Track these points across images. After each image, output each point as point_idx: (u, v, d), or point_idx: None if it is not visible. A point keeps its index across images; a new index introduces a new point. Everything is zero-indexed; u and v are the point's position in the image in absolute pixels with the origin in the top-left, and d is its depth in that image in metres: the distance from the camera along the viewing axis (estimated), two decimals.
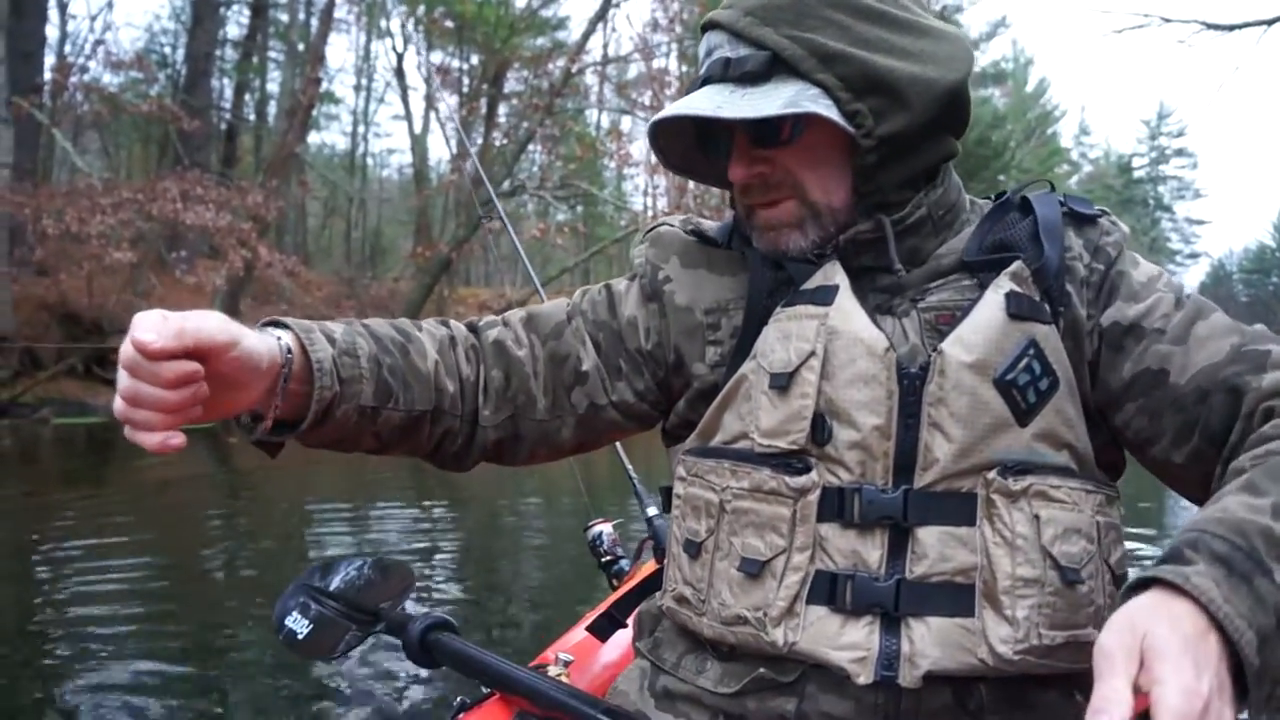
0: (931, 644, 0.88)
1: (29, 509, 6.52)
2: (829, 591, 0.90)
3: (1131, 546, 5.11)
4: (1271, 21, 11.85)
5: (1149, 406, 0.94)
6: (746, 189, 0.99)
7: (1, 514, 6.33)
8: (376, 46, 27.22)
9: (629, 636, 1.34)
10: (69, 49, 17.92)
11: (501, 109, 21.51)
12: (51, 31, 17.10)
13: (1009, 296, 0.92)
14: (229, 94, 22.11)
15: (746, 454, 0.95)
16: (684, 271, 1.07)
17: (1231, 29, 12.08)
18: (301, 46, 20.80)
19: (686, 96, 0.97)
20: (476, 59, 22.82)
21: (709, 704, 0.97)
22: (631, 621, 1.18)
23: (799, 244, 0.98)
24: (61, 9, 18.27)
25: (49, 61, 16.00)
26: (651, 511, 1.84)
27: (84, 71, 16.35)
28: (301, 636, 1.13)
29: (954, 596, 0.89)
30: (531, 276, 2.40)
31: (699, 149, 1.05)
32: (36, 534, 5.38)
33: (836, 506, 0.91)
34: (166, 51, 23.45)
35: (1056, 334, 0.94)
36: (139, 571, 4.65)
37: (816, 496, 0.91)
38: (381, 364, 0.97)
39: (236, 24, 22.55)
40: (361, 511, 6.50)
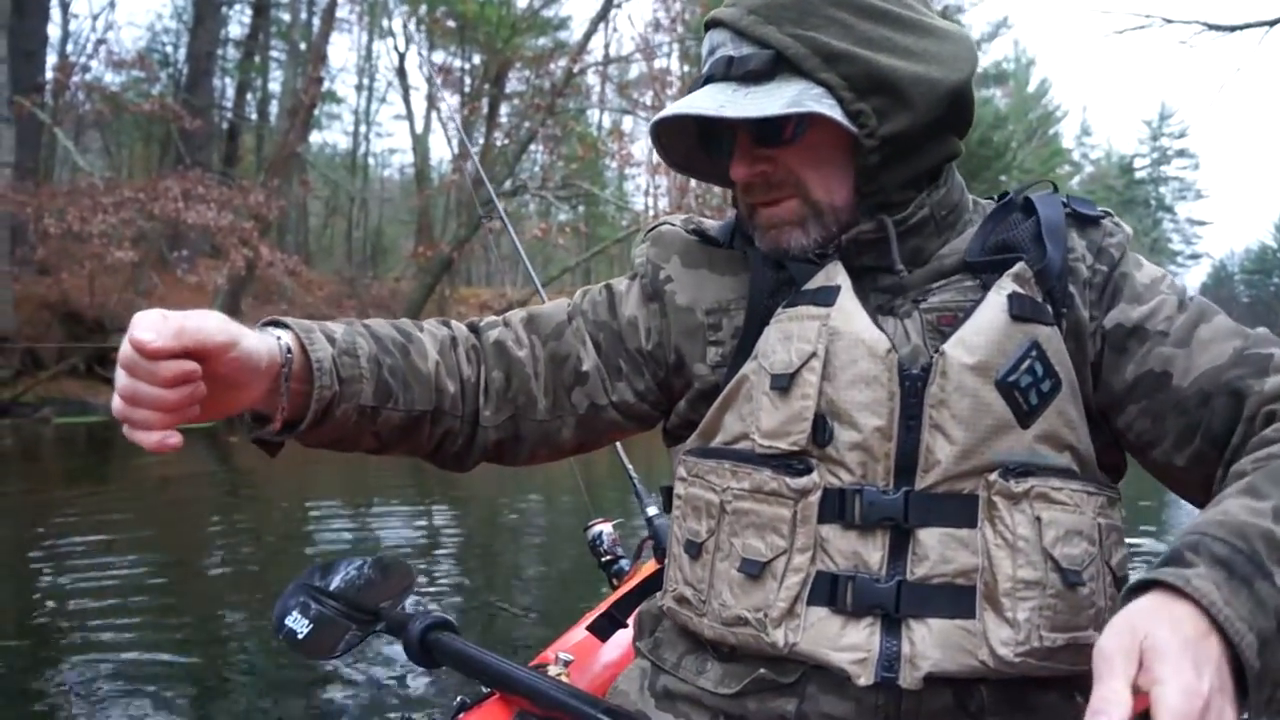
0: (932, 645, 0.88)
1: (30, 507, 6.52)
2: (830, 593, 0.90)
3: (1135, 542, 5.13)
4: (1273, 22, 11.84)
5: (1151, 409, 0.93)
6: (748, 188, 0.99)
7: (3, 512, 6.33)
8: (378, 46, 27.31)
9: (629, 636, 1.34)
10: (71, 48, 17.99)
11: (503, 109, 21.51)
12: (53, 31, 17.17)
13: (1011, 298, 0.92)
14: (231, 93, 22.16)
15: (747, 455, 0.95)
16: (685, 271, 1.06)
17: (1233, 30, 12.07)
18: (303, 46, 20.83)
19: (689, 95, 0.96)
20: (478, 59, 22.83)
21: (709, 704, 0.97)
22: (632, 621, 1.18)
23: (801, 243, 0.97)
24: (63, 8, 18.34)
25: (51, 61, 16.06)
26: (651, 511, 1.84)
27: (86, 71, 16.38)
28: (301, 636, 1.13)
29: (955, 598, 0.88)
30: (532, 277, 2.39)
31: (701, 148, 1.05)
32: (38, 532, 5.39)
33: (837, 508, 0.91)
34: (168, 50, 23.54)
35: (1059, 335, 0.93)
36: (140, 569, 4.65)
37: (817, 498, 0.91)
38: (382, 364, 0.96)
39: (238, 23, 22.61)
40: (362, 510, 6.50)
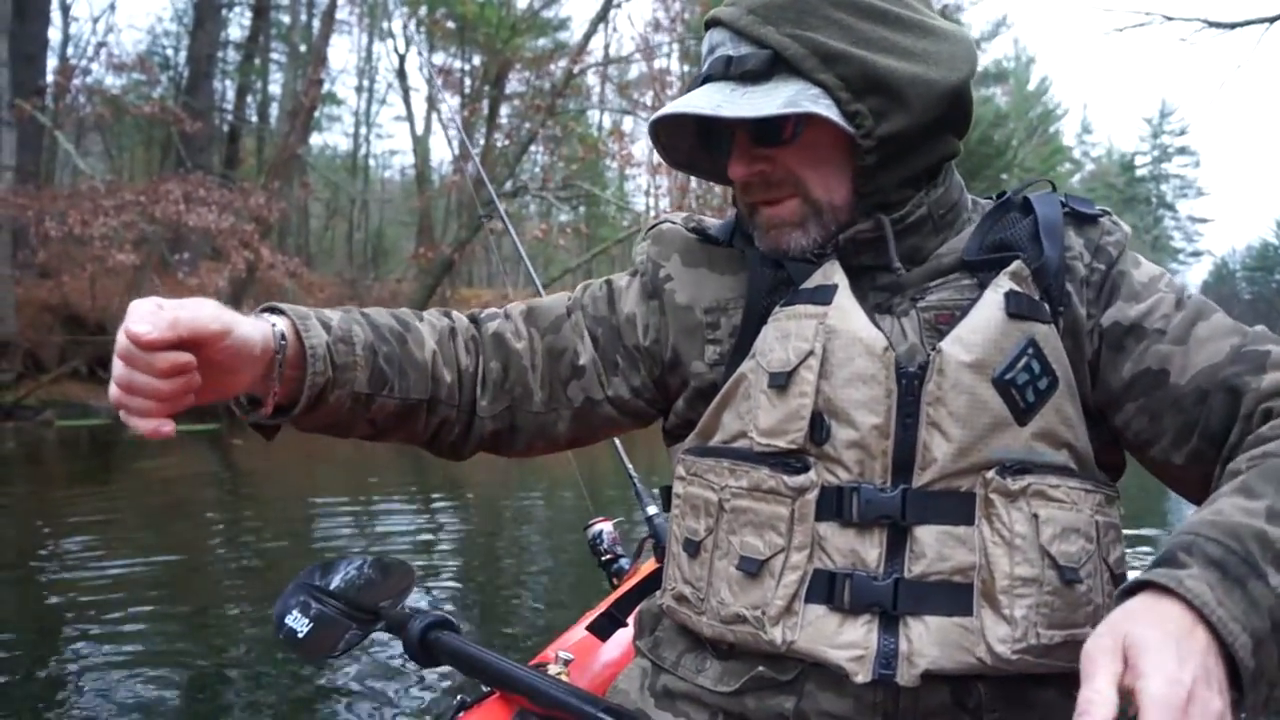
0: (930, 643, 0.88)
1: (33, 509, 6.52)
2: (827, 590, 0.90)
3: (1135, 533, 5.11)
4: (1273, 19, 11.82)
5: (1149, 407, 0.93)
6: (747, 187, 1.00)
7: (6, 513, 6.34)
8: (378, 48, 27.32)
9: (629, 635, 1.34)
10: (71, 51, 18.02)
11: (503, 110, 21.49)
12: (54, 34, 17.19)
13: (1008, 296, 0.92)
14: (231, 96, 22.15)
15: (745, 453, 0.95)
16: (685, 270, 1.07)
17: (1233, 27, 12.04)
18: (303, 48, 20.83)
19: (688, 94, 0.97)
20: (478, 60, 22.83)
21: (709, 702, 0.97)
22: (632, 620, 1.18)
23: (800, 243, 0.98)
24: (64, 11, 18.38)
25: (51, 64, 16.07)
26: (651, 510, 1.83)
27: (86, 74, 16.36)
28: (302, 635, 1.13)
29: (952, 595, 0.88)
30: (533, 277, 2.39)
31: (702, 146, 1.05)
32: (41, 533, 5.39)
33: (835, 505, 0.91)
34: (169, 53, 23.55)
35: (1056, 333, 0.93)
36: (142, 568, 4.65)
37: (815, 495, 0.91)
38: (377, 352, 0.97)
39: (238, 25, 22.58)
40: (364, 510, 6.50)
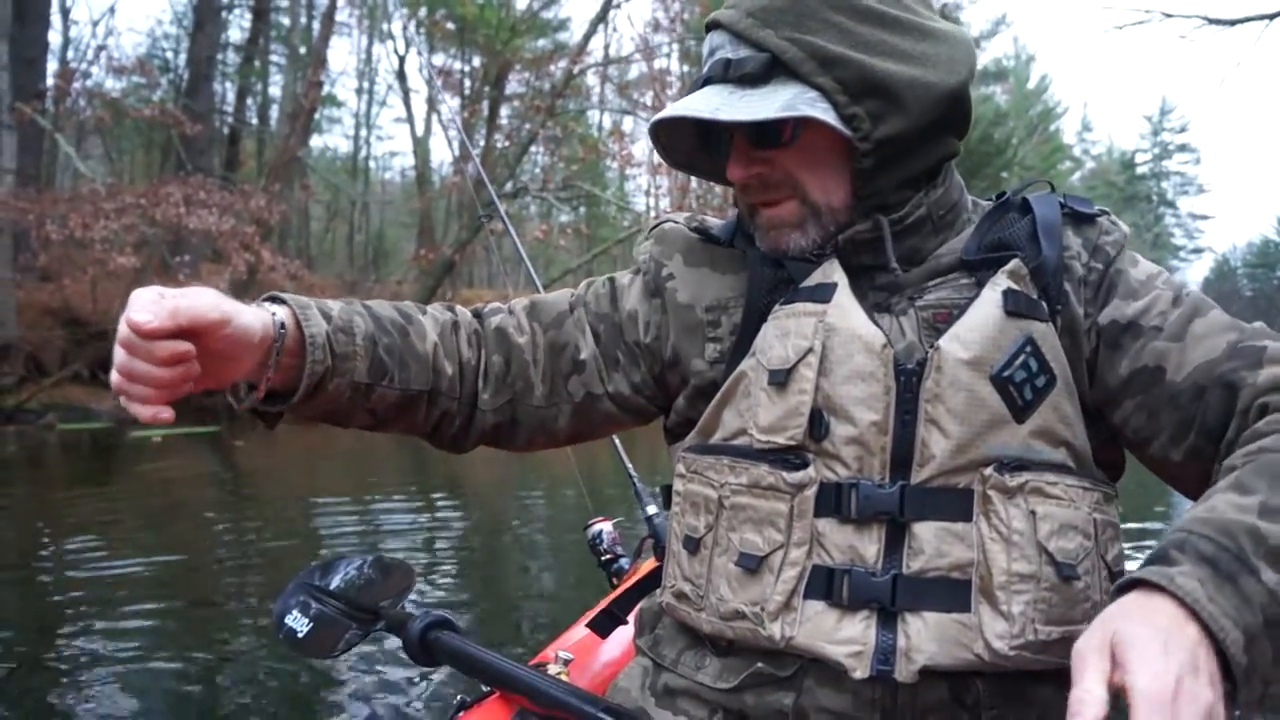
0: (928, 639, 0.88)
1: (35, 511, 6.53)
2: (826, 586, 0.90)
3: (1137, 527, 5.10)
4: (1273, 16, 11.81)
5: (1146, 404, 0.94)
6: (745, 188, 1.00)
7: (8, 515, 6.35)
8: (378, 49, 27.31)
9: (629, 635, 1.34)
10: (72, 54, 18.04)
11: (503, 111, 21.51)
12: (54, 37, 17.20)
13: (1006, 294, 0.92)
14: (231, 98, 22.12)
15: (745, 450, 0.95)
16: (687, 269, 1.07)
17: (1233, 24, 12.04)
18: (303, 50, 20.82)
19: (687, 97, 0.97)
20: (478, 61, 22.84)
21: (708, 699, 0.98)
22: (632, 619, 1.18)
23: (799, 243, 0.98)
24: (64, 15, 18.43)
25: (52, 67, 16.09)
26: (651, 510, 1.84)
27: (86, 77, 16.39)
28: (301, 635, 1.13)
29: (950, 592, 0.89)
30: (534, 279, 2.39)
31: (702, 147, 1.06)
32: (43, 535, 5.40)
33: (834, 502, 0.91)
34: (169, 56, 23.53)
35: (1054, 332, 0.94)
36: (144, 569, 4.65)
37: (814, 492, 0.91)
38: (378, 342, 0.98)
39: (238, 28, 22.55)
40: (364, 509, 6.50)
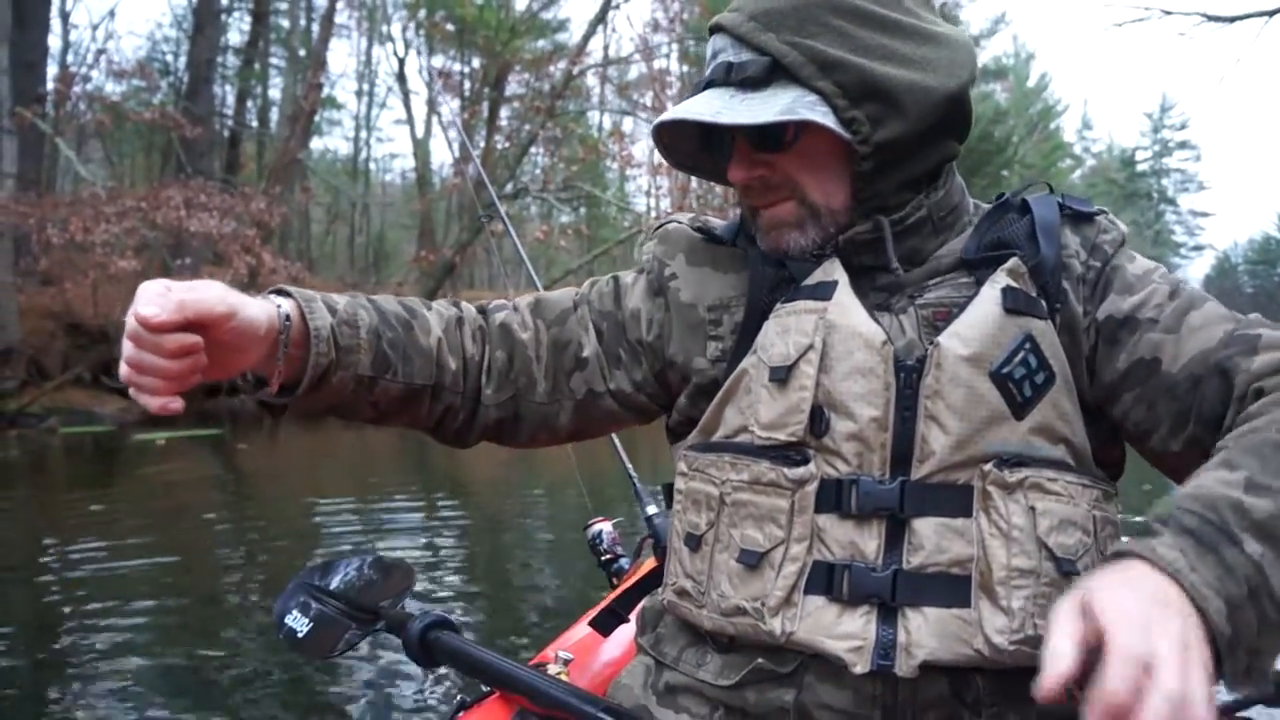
0: (928, 634, 0.88)
1: (38, 514, 6.55)
2: (826, 582, 0.91)
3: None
4: (1272, 13, 11.81)
5: (1145, 396, 0.94)
6: (747, 190, 1.01)
7: (11, 519, 6.36)
8: (378, 51, 27.35)
9: (629, 635, 1.34)
10: (71, 58, 18.05)
11: (503, 112, 21.53)
12: (54, 41, 17.20)
13: (1005, 291, 0.93)
14: (231, 101, 22.13)
15: (746, 447, 0.96)
16: (689, 269, 1.08)
17: (1232, 21, 12.05)
18: (303, 52, 20.87)
19: (689, 100, 0.98)
20: (477, 62, 22.86)
21: (710, 696, 0.98)
22: (634, 617, 1.18)
23: (799, 243, 0.99)
24: (64, 19, 18.46)
25: (52, 71, 16.08)
26: (651, 510, 1.84)
27: (86, 81, 16.41)
28: (301, 635, 1.13)
29: (950, 587, 0.89)
30: (534, 280, 2.39)
31: (704, 149, 1.06)
32: (46, 537, 5.41)
33: (834, 498, 0.92)
34: (168, 59, 23.51)
35: (1053, 329, 0.94)
36: (147, 571, 4.66)
37: (814, 488, 0.92)
38: (381, 336, 0.99)
39: (238, 30, 22.60)
40: (366, 511, 6.51)
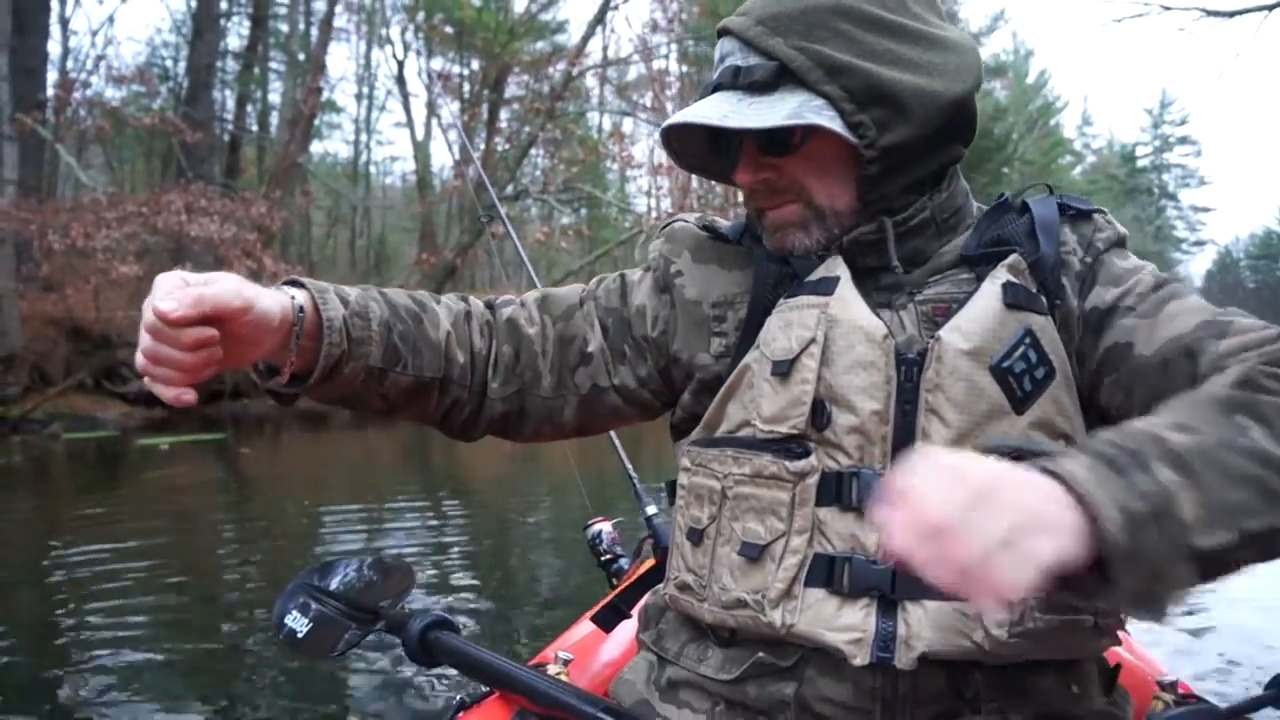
0: (928, 626, 0.88)
1: (42, 519, 6.56)
2: (827, 574, 0.91)
3: None
4: (1272, 7, 11.82)
5: (1121, 380, 0.94)
6: (753, 193, 1.02)
7: (14, 524, 6.37)
8: (377, 54, 27.34)
9: (629, 635, 1.34)
10: (71, 64, 18.04)
11: (503, 114, 21.56)
12: (54, 48, 17.18)
13: (1006, 287, 0.93)
14: (231, 105, 22.12)
15: (749, 441, 0.96)
16: (695, 266, 1.09)
17: (1231, 15, 12.05)
18: (302, 56, 20.88)
19: (697, 102, 0.99)
20: (477, 64, 22.88)
21: (711, 691, 0.98)
22: (636, 613, 1.19)
23: (804, 243, 1.00)
24: (63, 25, 18.40)
25: (52, 78, 16.08)
26: (651, 510, 1.84)
27: (86, 87, 16.44)
28: (301, 635, 1.13)
29: None
30: (534, 282, 2.39)
31: (712, 151, 1.07)
32: (50, 541, 5.41)
33: (835, 490, 0.92)
34: (168, 64, 23.53)
35: (1053, 325, 0.95)
36: (149, 573, 4.66)
37: (815, 480, 0.92)
38: (392, 329, 1.00)
39: (237, 35, 22.62)
40: (367, 513, 6.51)
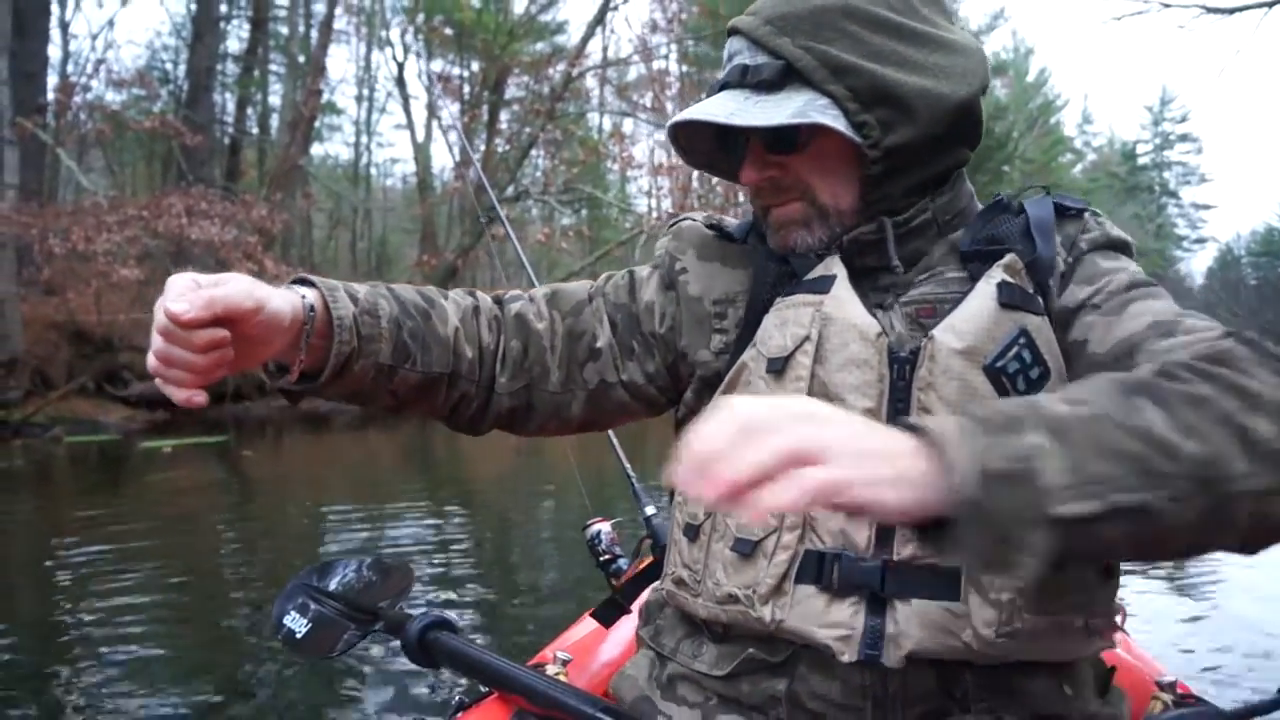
0: (915, 625, 0.89)
1: (44, 521, 6.55)
2: (817, 571, 0.92)
3: None
4: (1272, 4, 11.81)
5: (1076, 377, 0.93)
6: (758, 190, 1.03)
7: (17, 527, 6.37)
8: (377, 56, 27.33)
9: (627, 636, 1.35)
10: (71, 68, 18.06)
11: (503, 115, 21.55)
12: (54, 52, 17.19)
13: (1000, 286, 0.94)
14: (231, 108, 22.10)
15: None
16: (699, 263, 1.10)
17: (1231, 12, 12.04)
18: (302, 59, 20.88)
19: (705, 101, 1.00)
20: (477, 66, 22.87)
21: (706, 686, 0.99)
22: (636, 609, 1.19)
23: (807, 241, 1.01)
24: (63, 29, 18.42)
25: (52, 82, 16.08)
26: (649, 510, 1.84)
27: (87, 90, 16.43)
28: (300, 636, 1.14)
29: (939, 580, 0.89)
30: (534, 283, 2.38)
31: (720, 148, 1.08)
32: (52, 543, 5.41)
33: None
34: (168, 68, 23.51)
35: (1049, 325, 0.95)
36: (151, 575, 4.66)
37: None
38: (402, 326, 1.01)
39: (237, 38, 22.59)
40: (368, 514, 6.51)
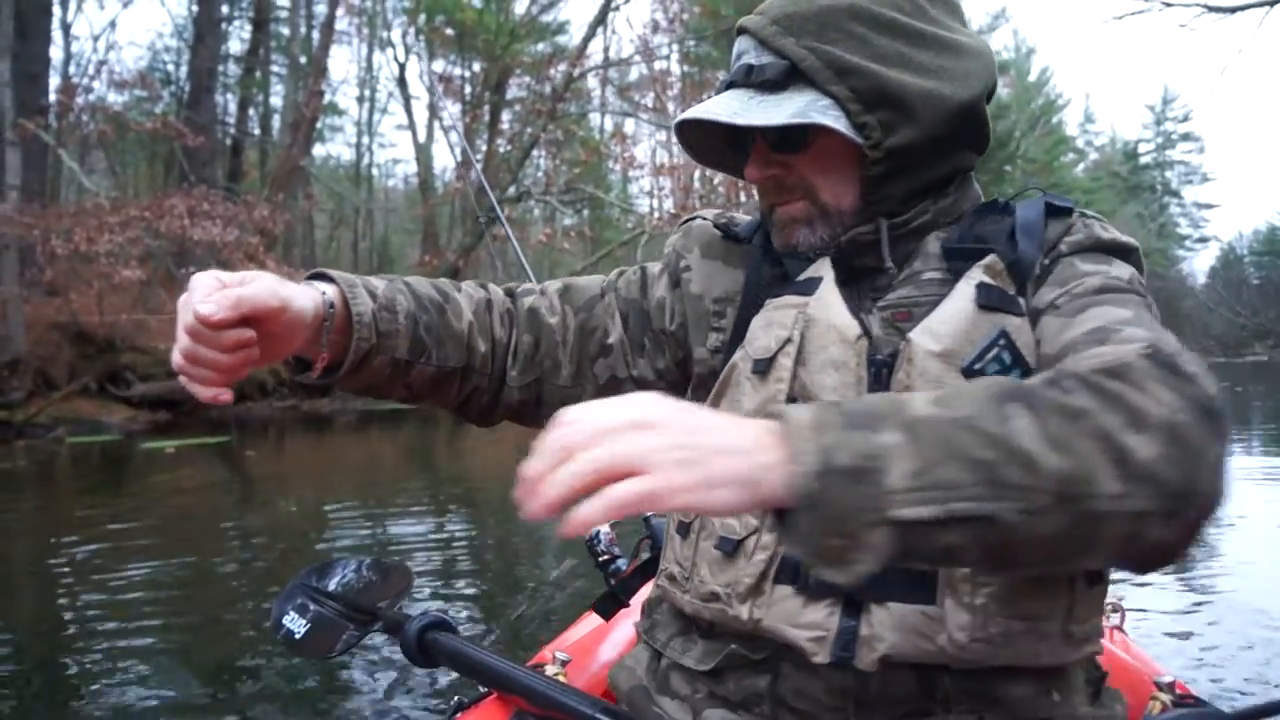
0: (890, 628, 0.88)
1: (46, 522, 6.56)
2: (794, 571, 0.92)
3: None
4: (1274, 2, 11.78)
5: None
6: (763, 189, 1.04)
7: (19, 528, 6.38)
8: (378, 57, 27.42)
9: (626, 635, 1.35)
10: (73, 70, 18.12)
11: (505, 115, 21.57)
12: (56, 53, 17.26)
13: (979, 288, 0.93)
14: (233, 109, 22.17)
15: None
16: (703, 262, 1.11)
17: (1233, 11, 12.01)
18: (304, 59, 20.92)
19: (711, 99, 1.01)
20: (478, 66, 22.89)
21: (696, 681, 1.00)
22: (636, 605, 1.20)
23: (809, 239, 1.01)
24: (65, 30, 18.48)
25: (54, 83, 16.15)
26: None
27: (89, 91, 16.48)
28: (299, 636, 1.14)
29: (915, 583, 0.89)
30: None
31: (728, 146, 1.09)
32: (54, 543, 5.41)
33: None
34: (170, 69, 23.60)
35: (1029, 327, 0.93)
36: (153, 575, 4.67)
37: None
38: (418, 321, 1.02)
39: (238, 39, 22.65)
40: (369, 515, 6.52)
